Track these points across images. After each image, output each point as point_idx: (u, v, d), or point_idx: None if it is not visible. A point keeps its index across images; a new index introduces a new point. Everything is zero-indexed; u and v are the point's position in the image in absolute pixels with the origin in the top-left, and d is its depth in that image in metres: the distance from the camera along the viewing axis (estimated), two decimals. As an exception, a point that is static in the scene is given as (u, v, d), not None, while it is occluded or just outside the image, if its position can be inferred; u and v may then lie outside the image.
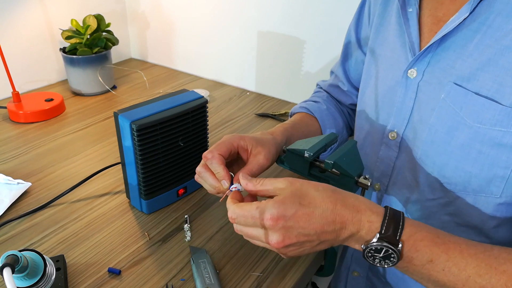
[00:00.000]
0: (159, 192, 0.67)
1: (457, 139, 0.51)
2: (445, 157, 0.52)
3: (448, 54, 0.52)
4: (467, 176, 0.51)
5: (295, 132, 0.69)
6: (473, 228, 0.55)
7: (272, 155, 0.59)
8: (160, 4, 1.25)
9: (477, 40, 0.48)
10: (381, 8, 0.63)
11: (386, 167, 0.62)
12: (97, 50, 1.06)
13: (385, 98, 0.61)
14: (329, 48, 1.00)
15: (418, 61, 0.55)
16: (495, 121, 0.47)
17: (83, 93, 1.10)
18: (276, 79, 1.13)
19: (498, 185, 0.49)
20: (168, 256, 0.60)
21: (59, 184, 0.75)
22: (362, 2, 0.71)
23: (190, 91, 0.69)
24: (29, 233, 0.63)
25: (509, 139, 0.47)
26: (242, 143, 0.58)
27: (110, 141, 0.89)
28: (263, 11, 1.06)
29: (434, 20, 0.55)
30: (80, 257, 0.59)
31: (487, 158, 0.49)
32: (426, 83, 0.55)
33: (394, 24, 0.60)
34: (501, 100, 0.46)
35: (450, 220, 0.56)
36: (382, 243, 0.42)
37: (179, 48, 1.28)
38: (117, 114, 0.61)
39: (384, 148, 0.62)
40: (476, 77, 0.48)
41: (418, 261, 0.43)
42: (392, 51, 0.60)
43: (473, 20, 0.49)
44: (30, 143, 0.88)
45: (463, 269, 0.41)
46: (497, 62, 0.46)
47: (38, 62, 1.12)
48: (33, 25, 1.08)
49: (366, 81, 0.67)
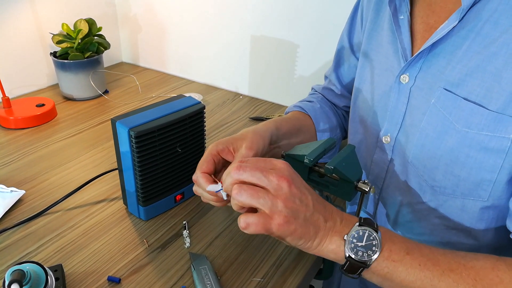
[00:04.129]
0: (157, 198, 0.67)
1: (446, 143, 0.52)
2: (435, 161, 0.53)
3: (438, 60, 0.53)
4: (455, 179, 0.52)
5: (284, 123, 0.68)
6: (462, 231, 0.56)
7: (255, 143, 0.58)
8: (151, 8, 1.24)
9: (466, 46, 0.50)
10: (373, 14, 0.64)
11: (380, 170, 0.63)
12: (88, 54, 1.05)
13: (379, 103, 0.62)
14: (322, 52, 1.01)
15: (410, 66, 0.56)
16: (482, 125, 0.48)
17: (75, 97, 1.08)
18: (269, 83, 1.13)
19: (486, 188, 0.51)
20: (168, 263, 0.60)
21: (53, 191, 0.74)
22: (355, 8, 0.72)
23: (187, 97, 0.69)
24: (24, 243, 0.62)
25: (496, 144, 0.48)
26: (220, 148, 0.58)
27: (104, 146, 0.88)
28: (256, 15, 1.07)
29: (425, 27, 0.56)
30: (78, 266, 0.58)
31: (475, 162, 0.50)
32: (417, 88, 0.56)
33: (386, 31, 0.61)
34: (488, 105, 0.48)
35: (440, 223, 0.57)
36: (363, 227, 0.46)
37: (171, 52, 1.28)
38: (114, 121, 0.61)
39: (378, 152, 0.63)
40: (465, 82, 0.50)
41: (396, 254, 0.45)
42: (385, 56, 0.61)
43: (462, 28, 0.50)
44: (22, 149, 0.86)
45: (437, 264, 0.44)
46: (485, 68, 0.48)
47: (28, 67, 1.10)
48: (23, 29, 1.06)
49: (359, 86, 0.68)
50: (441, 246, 0.59)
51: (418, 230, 0.60)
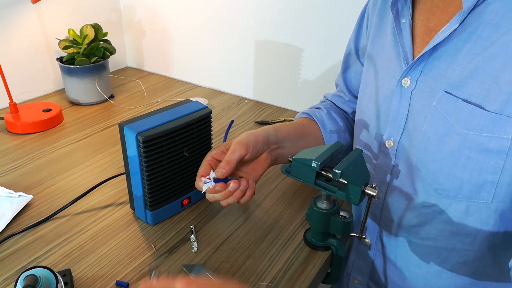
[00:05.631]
0: (164, 202, 0.67)
1: (447, 146, 0.52)
2: (438, 164, 0.53)
3: (439, 63, 0.53)
4: (458, 182, 0.52)
5: (284, 127, 0.71)
6: (468, 236, 0.55)
7: (246, 139, 0.62)
8: (156, 13, 1.25)
9: (467, 49, 0.50)
10: (377, 19, 0.65)
11: (384, 175, 0.63)
12: (94, 59, 1.06)
13: (382, 107, 0.62)
14: (327, 55, 1.01)
15: (411, 70, 0.56)
16: (481, 127, 0.48)
17: (81, 102, 1.09)
18: (274, 87, 1.14)
19: (489, 190, 0.50)
20: (175, 268, 0.60)
21: (61, 196, 0.74)
22: (362, 14, 0.72)
23: (194, 102, 0.69)
24: (32, 247, 0.63)
25: (495, 145, 0.48)
26: (214, 152, 0.63)
27: (111, 151, 0.89)
28: (261, 19, 1.07)
29: (426, 30, 0.56)
30: (86, 271, 0.58)
31: (476, 163, 0.50)
32: (419, 91, 0.56)
33: (389, 35, 0.61)
34: (487, 107, 0.48)
35: (445, 229, 0.57)
36: None
37: (176, 57, 1.28)
38: (122, 126, 0.61)
39: (381, 156, 0.63)
40: (465, 84, 0.50)
41: None
42: (387, 61, 0.61)
43: (463, 30, 0.50)
44: (29, 154, 0.87)
45: None
46: (485, 70, 0.48)
47: (35, 72, 1.11)
48: (29, 35, 1.07)
49: (363, 91, 0.68)
50: (446, 252, 0.59)
51: (422, 234, 0.60)
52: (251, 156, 0.62)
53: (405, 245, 0.63)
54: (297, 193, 0.78)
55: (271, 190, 0.78)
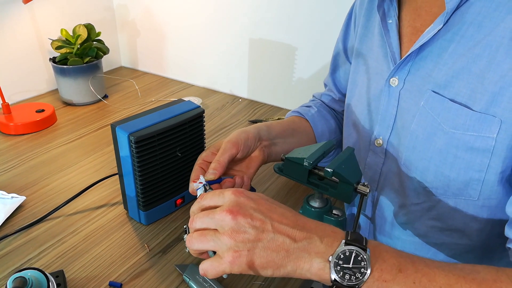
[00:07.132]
0: (158, 202, 0.67)
1: (435, 145, 0.52)
2: (426, 162, 0.54)
3: (426, 63, 0.54)
4: (446, 180, 0.53)
5: (276, 124, 0.70)
6: (456, 232, 0.56)
7: (236, 136, 0.60)
8: (150, 12, 1.25)
9: (452, 49, 0.51)
10: (364, 19, 0.66)
11: (373, 173, 0.64)
12: (88, 59, 1.05)
13: (371, 107, 0.63)
14: (320, 53, 1.01)
15: (399, 69, 0.57)
16: (467, 126, 0.49)
17: (74, 103, 1.09)
18: (268, 86, 1.14)
19: (475, 188, 0.51)
20: (169, 268, 0.60)
21: (54, 197, 0.74)
22: (349, 14, 0.73)
23: (187, 101, 0.69)
24: (25, 249, 0.62)
25: (481, 143, 0.49)
26: (204, 155, 0.61)
27: (104, 151, 0.88)
28: (255, 18, 1.07)
29: (412, 30, 0.57)
30: (79, 272, 0.58)
31: (462, 162, 0.51)
32: (407, 91, 0.56)
33: (376, 35, 0.62)
34: (473, 106, 0.49)
35: (434, 225, 0.58)
36: (349, 247, 0.41)
37: (170, 56, 1.28)
38: (114, 126, 0.61)
39: (371, 155, 0.63)
40: (451, 84, 0.50)
41: (388, 274, 0.40)
42: (375, 61, 0.62)
43: (447, 31, 0.51)
44: (22, 155, 0.86)
45: (433, 280, 0.40)
46: (470, 70, 0.49)
47: (28, 73, 1.11)
48: (22, 35, 1.07)
49: (351, 91, 0.69)
50: (436, 247, 0.59)
51: (413, 231, 0.61)
52: (242, 153, 0.62)
53: (397, 242, 0.64)
54: (290, 192, 0.78)
55: (264, 189, 0.78)
